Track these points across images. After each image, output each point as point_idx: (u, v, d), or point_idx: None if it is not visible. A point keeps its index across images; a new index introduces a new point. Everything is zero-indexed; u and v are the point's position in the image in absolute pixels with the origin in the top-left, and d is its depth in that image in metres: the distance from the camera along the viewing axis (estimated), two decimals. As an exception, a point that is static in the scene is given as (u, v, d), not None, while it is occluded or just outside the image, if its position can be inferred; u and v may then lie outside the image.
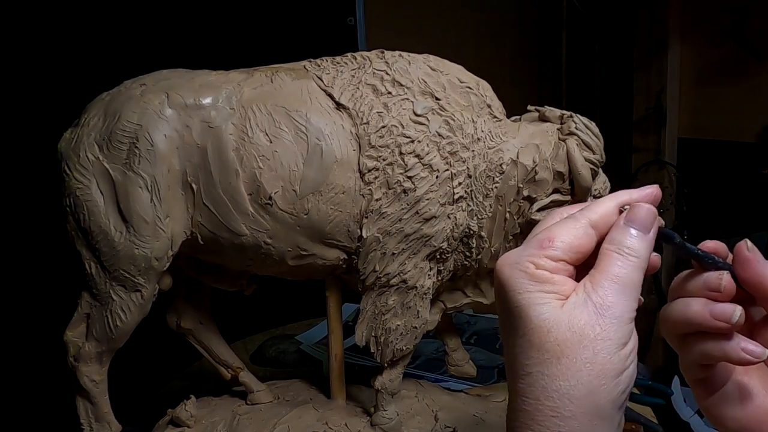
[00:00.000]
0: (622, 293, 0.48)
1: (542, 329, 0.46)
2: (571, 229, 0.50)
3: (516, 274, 0.49)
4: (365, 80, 0.90)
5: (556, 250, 0.49)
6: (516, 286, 0.48)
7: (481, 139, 0.90)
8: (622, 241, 0.49)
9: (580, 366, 0.46)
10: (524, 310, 0.47)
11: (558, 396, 0.46)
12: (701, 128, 2.17)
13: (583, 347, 0.46)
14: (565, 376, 0.46)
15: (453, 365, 1.15)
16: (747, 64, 2.00)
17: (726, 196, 2.13)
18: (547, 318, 0.47)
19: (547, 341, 0.46)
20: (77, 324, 0.95)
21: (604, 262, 0.49)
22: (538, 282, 0.48)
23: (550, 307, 0.47)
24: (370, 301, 0.96)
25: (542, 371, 0.46)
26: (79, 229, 0.90)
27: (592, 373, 0.46)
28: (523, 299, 0.48)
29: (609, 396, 0.46)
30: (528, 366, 0.47)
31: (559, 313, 0.47)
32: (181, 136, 0.88)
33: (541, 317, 0.47)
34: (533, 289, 0.48)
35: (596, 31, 2.38)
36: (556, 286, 0.48)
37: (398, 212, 0.89)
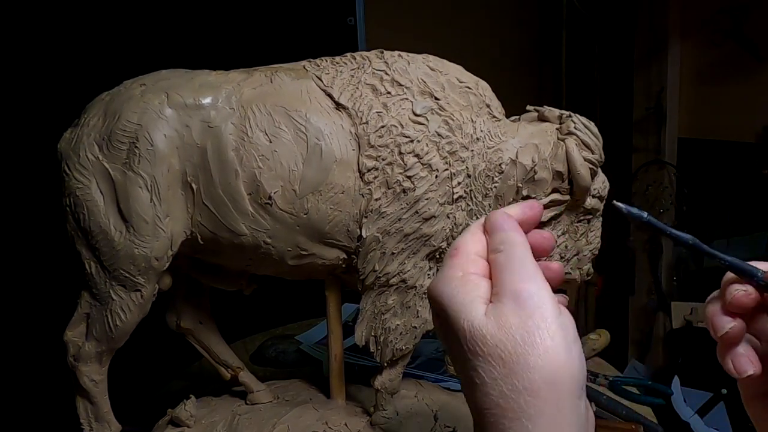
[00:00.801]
0: (521, 272, 0.49)
1: (478, 336, 0.46)
2: (466, 233, 0.53)
3: (444, 290, 0.50)
4: (365, 80, 0.90)
5: (467, 249, 0.51)
6: (446, 298, 0.49)
7: (481, 139, 0.91)
8: (493, 244, 0.52)
9: (525, 354, 0.45)
10: (458, 324, 0.48)
11: (516, 394, 0.45)
12: (701, 128, 2.17)
13: (518, 335, 0.46)
14: (515, 373, 0.45)
15: (453, 365, 1.15)
16: (747, 64, 2.00)
17: (726, 196, 2.13)
18: (479, 324, 0.47)
19: (486, 345, 0.46)
20: (77, 324, 0.95)
21: (492, 267, 0.51)
22: (463, 286, 0.49)
23: (478, 314, 0.47)
24: (370, 300, 0.96)
25: (493, 376, 0.46)
26: (79, 228, 0.90)
27: (539, 355, 0.45)
28: (454, 311, 0.48)
29: (569, 376, 0.45)
30: (478, 376, 0.46)
31: (485, 319, 0.47)
32: (180, 135, 0.88)
33: (474, 325, 0.47)
34: (460, 294, 0.49)
35: (596, 31, 2.38)
36: (481, 289, 0.49)
37: (398, 212, 0.89)
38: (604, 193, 0.97)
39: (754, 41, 1.97)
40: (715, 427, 1.53)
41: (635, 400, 1.31)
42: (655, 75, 2.19)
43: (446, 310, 0.49)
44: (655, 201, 2.24)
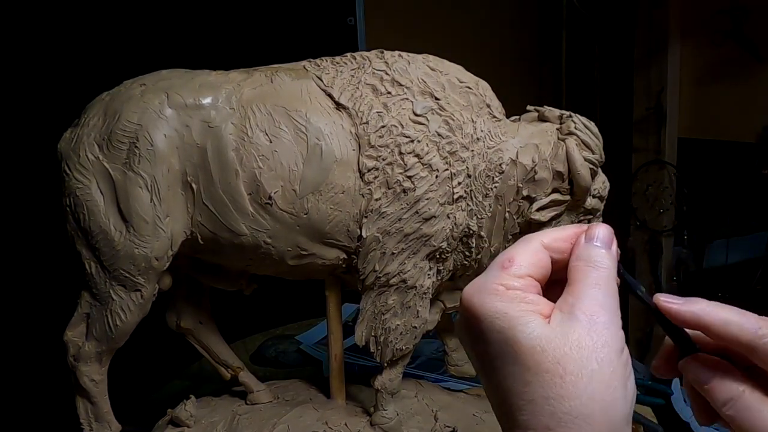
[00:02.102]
0: (605, 301, 0.46)
1: (535, 349, 0.43)
2: (527, 247, 0.49)
3: (488, 300, 0.46)
4: (365, 80, 0.90)
5: (520, 268, 0.47)
6: (492, 312, 0.45)
7: (481, 139, 0.90)
8: (589, 255, 0.48)
9: (588, 380, 0.42)
10: (509, 333, 0.44)
11: (570, 419, 0.42)
12: (701, 128, 2.17)
13: (585, 359, 0.43)
14: (574, 395, 0.42)
15: (453, 365, 1.15)
16: (747, 64, 2.00)
17: (726, 196, 2.13)
18: (538, 335, 0.43)
19: (544, 361, 0.43)
20: (77, 324, 0.95)
21: (578, 276, 0.47)
22: (513, 302, 0.45)
23: (537, 325, 0.44)
24: (370, 300, 0.96)
25: (546, 395, 0.42)
26: (79, 228, 0.90)
27: (601, 385, 0.43)
28: (505, 322, 0.44)
29: (623, 409, 0.44)
30: (527, 393, 0.43)
31: (549, 329, 0.44)
32: (180, 135, 0.88)
33: (532, 336, 0.43)
34: (512, 310, 0.45)
35: (596, 31, 2.38)
36: (532, 305, 0.46)
37: (398, 212, 0.89)
38: (604, 193, 0.97)
39: (754, 41, 1.97)
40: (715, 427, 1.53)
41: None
42: (655, 75, 2.19)
43: (491, 322, 0.45)
44: (655, 201, 2.24)
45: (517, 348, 0.43)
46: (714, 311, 0.48)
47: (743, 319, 0.48)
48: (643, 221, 2.26)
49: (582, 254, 0.48)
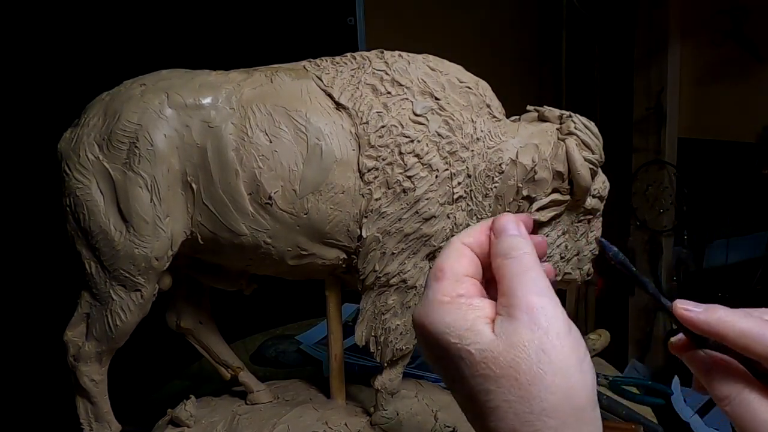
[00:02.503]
0: (534, 286, 0.46)
1: (488, 358, 0.44)
2: (450, 253, 0.51)
3: (436, 316, 0.47)
4: (365, 80, 0.90)
5: (454, 272, 0.49)
6: (442, 328, 0.46)
7: (481, 139, 0.91)
8: (503, 248, 0.50)
9: (542, 375, 0.43)
10: (462, 346, 0.45)
11: (534, 417, 0.43)
12: (701, 128, 2.17)
13: (534, 354, 0.44)
14: (533, 393, 0.43)
15: (453, 365, 1.15)
16: (747, 64, 2.00)
17: (726, 196, 2.13)
18: (488, 344, 0.45)
19: (498, 367, 0.44)
20: (77, 324, 0.95)
21: (502, 272, 0.48)
22: (460, 310, 0.47)
23: (486, 334, 0.45)
24: (370, 300, 0.96)
25: (507, 399, 0.44)
26: (79, 228, 0.90)
27: (556, 375, 0.43)
28: (455, 337, 0.46)
29: (584, 391, 0.44)
30: (490, 401, 0.44)
31: (494, 339, 0.45)
32: (180, 135, 0.88)
33: (482, 346, 0.45)
34: (460, 321, 0.46)
35: (596, 31, 2.38)
36: (479, 311, 0.47)
37: (398, 212, 0.89)
38: (604, 193, 0.97)
39: (754, 41, 1.97)
40: (715, 427, 1.53)
41: (635, 400, 1.31)
42: (655, 75, 2.19)
43: (444, 338, 0.46)
44: (655, 201, 2.24)
45: (471, 359, 0.45)
46: (731, 322, 0.49)
47: (761, 332, 0.48)
48: (643, 221, 2.26)
49: (497, 251, 0.50)
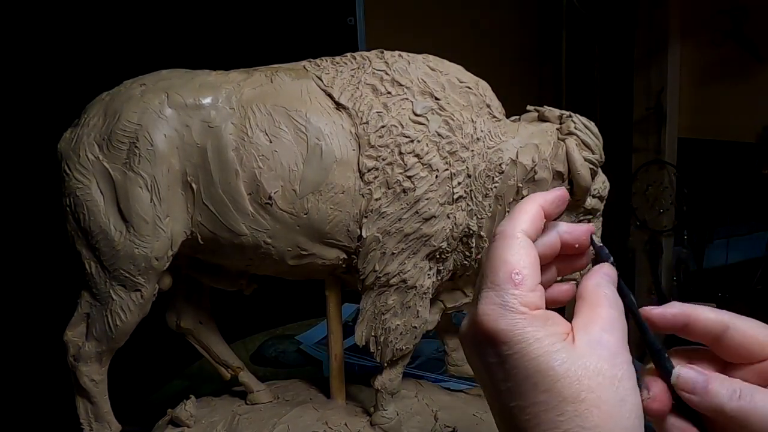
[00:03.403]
0: (621, 334, 0.47)
1: (572, 379, 0.43)
2: (520, 250, 0.49)
3: (517, 324, 0.45)
4: (365, 80, 0.90)
5: (529, 279, 0.47)
6: (524, 338, 0.45)
7: (481, 139, 0.90)
8: (595, 277, 0.50)
9: (619, 409, 0.43)
10: (543, 360, 0.44)
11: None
12: (701, 128, 2.17)
13: (615, 389, 0.44)
14: (610, 425, 0.43)
15: (453, 365, 1.15)
16: (747, 64, 1.99)
17: (726, 197, 2.13)
18: (571, 365, 0.44)
19: (581, 390, 0.43)
20: (77, 324, 0.95)
21: (596, 303, 0.48)
22: (543, 326, 0.45)
23: (567, 354, 0.44)
24: (370, 300, 0.96)
25: (583, 425, 0.43)
26: (79, 228, 0.90)
27: (631, 415, 0.44)
28: (539, 349, 0.44)
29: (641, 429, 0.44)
30: (563, 423, 0.43)
31: (579, 359, 0.44)
32: (180, 135, 0.88)
33: (565, 366, 0.44)
34: (542, 335, 0.45)
35: (596, 31, 2.38)
36: (557, 327, 0.46)
37: (398, 212, 0.89)
38: (604, 193, 0.97)
39: (754, 41, 1.97)
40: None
41: (635, 400, 1.30)
42: (655, 75, 2.19)
43: (527, 348, 0.44)
44: (655, 201, 2.24)
45: (552, 376, 0.44)
46: (693, 309, 0.52)
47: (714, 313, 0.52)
48: (643, 221, 2.26)
49: (600, 282, 0.50)
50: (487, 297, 0.47)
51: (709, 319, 0.52)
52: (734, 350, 0.52)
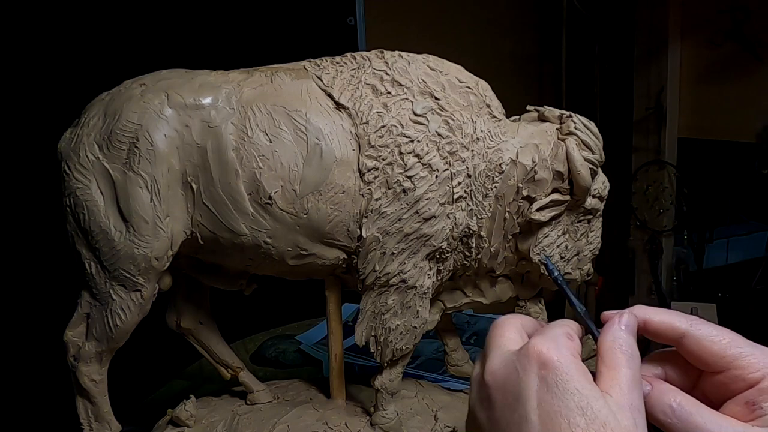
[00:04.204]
0: (638, 391, 0.50)
1: (605, 424, 0.46)
2: (562, 334, 0.52)
3: (574, 365, 0.49)
4: (365, 80, 0.90)
5: (573, 351, 0.51)
6: (575, 372, 0.48)
7: (481, 139, 0.90)
8: (619, 342, 0.53)
9: None
10: (588, 402, 0.47)
11: None
12: (701, 128, 2.17)
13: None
14: None
15: (453, 365, 1.15)
16: (747, 64, 1.99)
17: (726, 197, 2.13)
18: (607, 415, 0.46)
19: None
20: (77, 324, 0.95)
21: (613, 365, 0.51)
22: (588, 375, 0.49)
23: (605, 403, 0.47)
24: (370, 300, 0.96)
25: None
26: (79, 228, 0.90)
27: None
28: (587, 390, 0.47)
29: None
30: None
31: (609, 411, 0.47)
32: (180, 135, 0.88)
33: (602, 413, 0.46)
34: (586, 381, 0.48)
35: (596, 31, 2.38)
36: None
37: (398, 212, 0.89)
38: (604, 193, 0.97)
39: (754, 41, 1.97)
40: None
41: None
42: (655, 75, 2.19)
43: (577, 381, 0.48)
44: (655, 201, 2.24)
45: (591, 419, 0.46)
46: (646, 311, 0.56)
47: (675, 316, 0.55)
48: (643, 221, 2.26)
49: (620, 337, 0.53)
50: (549, 336, 0.51)
51: (663, 324, 0.55)
52: (693, 358, 0.54)
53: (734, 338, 0.53)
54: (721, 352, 0.52)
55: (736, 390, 0.52)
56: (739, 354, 0.52)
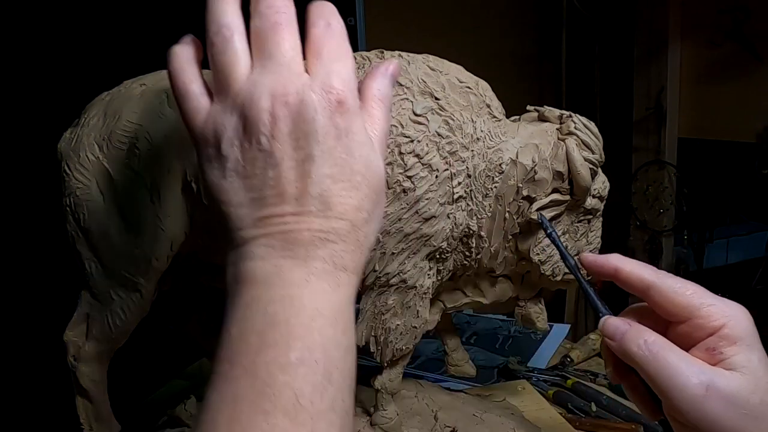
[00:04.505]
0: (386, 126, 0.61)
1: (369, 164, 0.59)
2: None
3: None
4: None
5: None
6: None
7: (481, 139, 0.90)
8: (386, 88, 0.60)
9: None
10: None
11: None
12: (701, 128, 2.18)
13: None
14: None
15: (452, 365, 1.15)
16: (747, 64, 2.00)
17: (726, 197, 2.13)
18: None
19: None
20: (77, 324, 0.95)
21: (375, 109, 0.60)
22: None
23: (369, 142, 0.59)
24: (370, 301, 0.96)
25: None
26: (80, 228, 0.90)
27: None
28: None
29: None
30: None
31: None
32: (181, 136, 0.88)
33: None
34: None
35: (596, 31, 2.39)
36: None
37: (398, 212, 0.89)
38: (604, 193, 0.97)
39: (754, 41, 1.98)
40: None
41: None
42: (655, 75, 2.19)
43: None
44: (655, 201, 2.24)
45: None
46: (623, 263, 0.61)
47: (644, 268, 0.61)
48: (643, 221, 2.26)
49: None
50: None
51: (632, 274, 0.60)
52: (659, 309, 0.59)
53: (697, 290, 0.58)
54: (685, 303, 0.57)
55: (699, 338, 0.56)
56: (701, 304, 0.57)
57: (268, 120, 0.50)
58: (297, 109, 0.51)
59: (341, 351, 0.48)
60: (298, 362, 0.46)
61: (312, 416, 0.45)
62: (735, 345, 0.55)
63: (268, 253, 0.50)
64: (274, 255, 0.49)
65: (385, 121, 0.59)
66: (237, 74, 0.54)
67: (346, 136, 0.53)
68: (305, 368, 0.46)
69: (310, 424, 0.45)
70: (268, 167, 0.50)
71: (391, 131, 0.88)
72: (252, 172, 0.51)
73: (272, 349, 0.46)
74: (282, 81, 0.52)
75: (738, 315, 0.57)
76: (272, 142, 0.50)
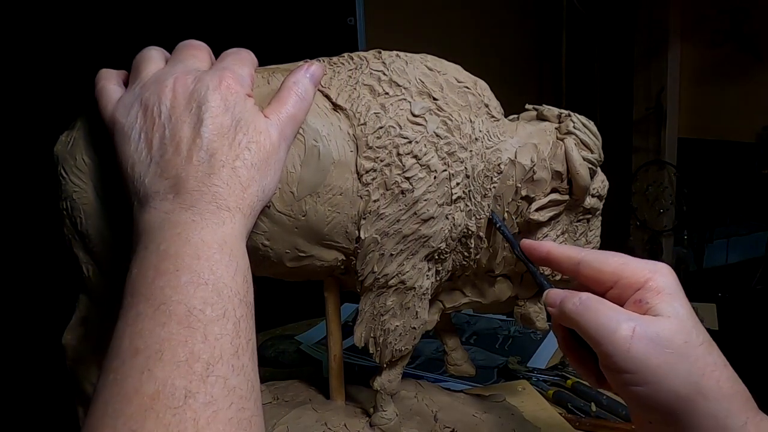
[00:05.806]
0: (293, 129, 0.78)
1: (259, 132, 0.71)
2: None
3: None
4: (362, 81, 0.90)
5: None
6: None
7: (479, 139, 0.90)
8: (305, 87, 0.79)
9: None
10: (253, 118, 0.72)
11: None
12: (701, 128, 2.18)
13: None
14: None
15: (452, 365, 1.15)
16: (747, 64, 2.00)
17: (726, 197, 2.13)
18: (264, 124, 0.73)
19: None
20: (75, 327, 0.95)
21: (287, 100, 0.76)
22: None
23: (264, 119, 0.74)
24: (369, 302, 0.95)
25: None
26: (76, 232, 0.90)
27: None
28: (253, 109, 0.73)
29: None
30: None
31: (265, 124, 0.72)
32: (178, 137, 0.88)
33: (260, 124, 0.73)
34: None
35: (596, 31, 2.38)
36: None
37: (396, 213, 0.88)
38: (603, 193, 0.97)
39: (754, 41, 1.97)
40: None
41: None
42: (655, 75, 2.19)
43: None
44: (655, 201, 2.24)
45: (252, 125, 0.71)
46: (554, 247, 0.74)
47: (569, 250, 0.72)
48: (643, 221, 2.26)
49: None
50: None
51: (563, 254, 0.70)
52: (590, 281, 0.66)
53: (621, 256, 0.65)
54: (611, 268, 0.64)
55: (627, 296, 0.63)
56: (625, 264, 0.64)
57: (170, 93, 0.65)
58: (194, 86, 0.65)
59: (230, 271, 0.58)
60: (188, 283, 0.54)
61: (204, 323, 0.53)
62: (660, 295, 0.61)
63: (162, 205, 0.61)
64: (165, 206, 0.61)
65: (292, 107, 0.74)
66: (148, 70, 0.72)
67: (234, 108, 0.66)
68: (194, 287, 0.54)
69: (202, 329, 0.52)
70: (167, 129, 0.63)
71: (388, 132, 0.87)
72: (153, 135, 0.64)
73: (165, 276, 0.55)
74: (185, 69, 0.68)
75: (662, 269, 0.65)
76: (171, 111, 0.64)
